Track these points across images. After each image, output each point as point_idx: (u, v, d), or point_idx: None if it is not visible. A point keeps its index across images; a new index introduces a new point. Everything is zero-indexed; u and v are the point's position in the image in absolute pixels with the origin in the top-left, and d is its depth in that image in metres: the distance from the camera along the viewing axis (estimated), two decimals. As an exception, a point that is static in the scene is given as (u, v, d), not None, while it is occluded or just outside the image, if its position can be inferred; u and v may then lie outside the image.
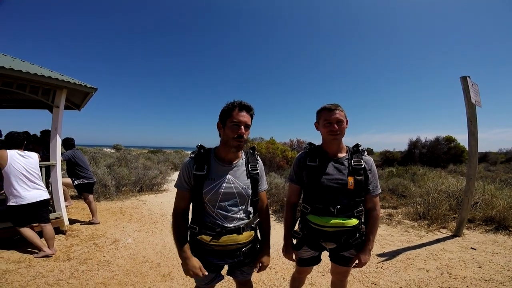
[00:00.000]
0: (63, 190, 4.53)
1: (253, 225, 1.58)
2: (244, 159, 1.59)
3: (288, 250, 1.80)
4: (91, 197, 4.73)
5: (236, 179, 1.51)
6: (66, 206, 4.84)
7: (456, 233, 4.22)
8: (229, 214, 1.47)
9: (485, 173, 11.19)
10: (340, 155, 1.70)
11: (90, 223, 4.65)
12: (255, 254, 1.62)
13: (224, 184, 1.46)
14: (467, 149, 4.52)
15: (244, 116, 1.44)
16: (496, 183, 6.06)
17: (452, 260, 3.30)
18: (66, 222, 4.29)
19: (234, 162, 1.53)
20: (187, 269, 1.44)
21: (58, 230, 4.04)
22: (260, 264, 1.63)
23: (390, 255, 3.51)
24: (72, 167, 4.69)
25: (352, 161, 1.66)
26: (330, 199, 1.63)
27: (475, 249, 3.63)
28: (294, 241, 1.84)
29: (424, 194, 5.89)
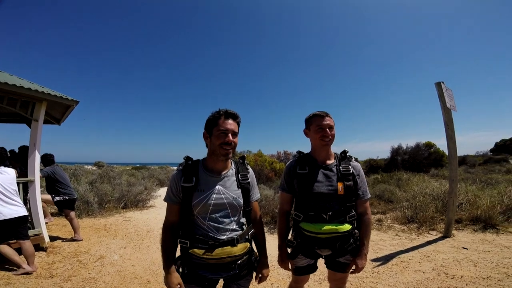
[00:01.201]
0: (43, 206, 4.33)
1: (247, 237, 1.52)
2: (233, 169, 1.55)
3: (283, 259, 1.77)
4: (72, 213, 4.53)
5: (226, 189, 1.46)
6: (46, 223, 4.63)
7: (446, 234, 4.30)
8: (221, 226, 1.41)
9: (465, 175, 11.61)
10: (329, 162, 1.72)
11: (72, 240, 4.44)
12: (251, 266, 1.56)
13: (214, 195, 1.41)
14: (447, 153, 4.68)
15: (231, 124, 1.41)
16: (477, 184, 6.28)
17: (446, 261, 3.33)
18: (47, 239, 4.06)
19: (223, 173, 1.49)
20: (167, 282, 1.39)
21: (39, 247, 3.84)
22: (260, 276, 1.60)
23: (385, 259, 3.51)
24: (52, 184, 4.50)
25: (341, 167, 1.68)
26: (322, 205, 1.64)
27: (467, 249, 3.69)
28: (289, 250, 1.82)
29: (410, 198, 6.01)
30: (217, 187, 1.44)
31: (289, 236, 1.84)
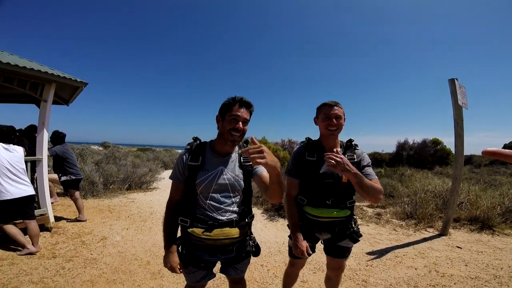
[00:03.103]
0: (49, 186, 4.42)
1: (247, 220, 1.56)
2: (237, 152, 1.61)
3: (300, 242, 1.70)
4: (77, 193, 4.62)
5: (229, 170, 1.52)
6: (52, 203, 4.72)
7: (443, 232, 4.32)
8: (221, 206, 1.47)
9: (469, 174, 11.50)
10: (336, 149, 1.75)
11: (76, 220, 4.55)
12: (249, 251, 1.61)
13: (217, 175, 1.48)
14: (453, 150, 4.63)
15: (243, 112, 1.46)
16: (481, 184, 6.22)
17: (439, 259, 3.37)
18: (52, 219, 4.18)
19: (227, 155, 1.55)
20: (166, 261, 1.48)
21: (43, 227, 3.94)
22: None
23: (379, 253, 3.56)
24: (61, 163, 4.55)
25: (346, 156, 1.72)
26: (326, 192, 1.74)
27: (461, 248, 3.71)
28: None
29: (412, 194, 6.00)
30: (220, 167, 1.50)
31: None
